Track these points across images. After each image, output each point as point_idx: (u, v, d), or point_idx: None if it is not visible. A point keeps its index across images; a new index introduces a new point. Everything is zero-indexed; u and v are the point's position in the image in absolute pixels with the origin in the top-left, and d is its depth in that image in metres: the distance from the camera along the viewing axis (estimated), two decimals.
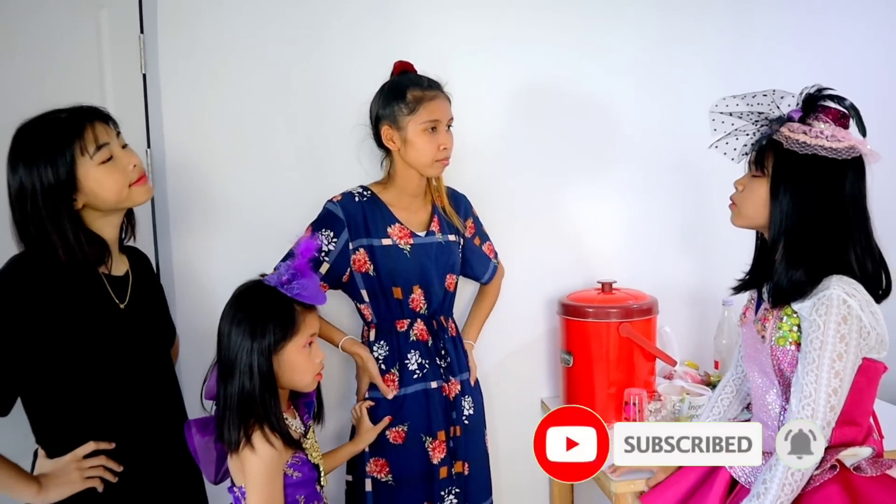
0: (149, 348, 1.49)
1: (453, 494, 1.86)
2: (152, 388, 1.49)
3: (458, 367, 1.93)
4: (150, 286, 1.59)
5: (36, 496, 1.34)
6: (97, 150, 1.37)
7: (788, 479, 1.33)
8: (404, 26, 2.19)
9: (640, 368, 2.10)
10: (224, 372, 1.41)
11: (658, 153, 2.39)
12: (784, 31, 2.45)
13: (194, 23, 2.04)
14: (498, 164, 2.30)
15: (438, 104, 1.80)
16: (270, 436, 1.37)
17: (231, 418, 1.38)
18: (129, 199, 1.43)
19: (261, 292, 1.43)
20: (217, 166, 2.09)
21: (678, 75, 2.38)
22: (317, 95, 2.14)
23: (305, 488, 1.46)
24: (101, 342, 1.38)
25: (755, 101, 1.46)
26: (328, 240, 1.81)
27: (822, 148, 1.36)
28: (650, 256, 2.43)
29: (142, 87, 2.00)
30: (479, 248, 2.07)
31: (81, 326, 1.36)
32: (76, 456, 1.37)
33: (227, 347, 1.40)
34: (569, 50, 2.31)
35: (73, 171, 1.35)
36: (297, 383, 1.47)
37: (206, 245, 2.10)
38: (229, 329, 1.41)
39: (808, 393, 1.34)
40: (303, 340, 1.43)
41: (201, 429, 1.45)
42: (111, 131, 1.42)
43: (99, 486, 1.38)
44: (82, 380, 1.37)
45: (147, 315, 1.51)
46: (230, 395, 1.39)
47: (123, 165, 1.41)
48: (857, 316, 1.33)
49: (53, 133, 1.35)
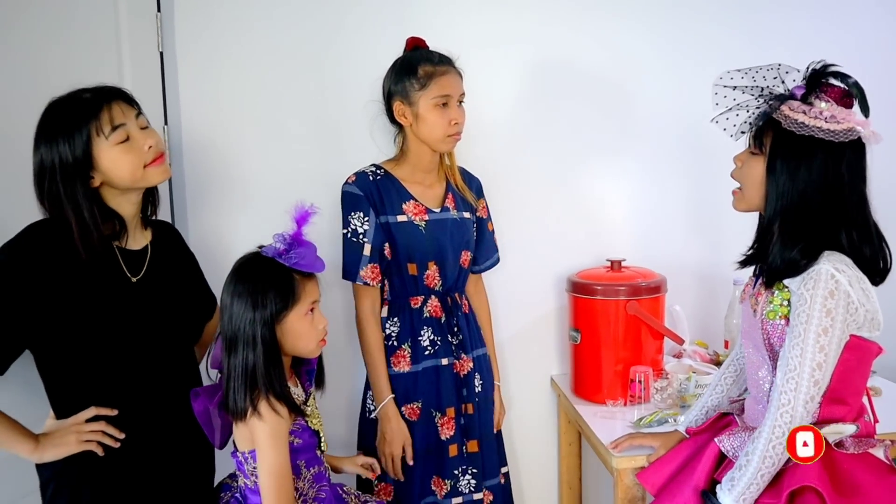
0: (162, 321, 1.52)
1: (469, 474, 1.89)
2: (164, 360, 1.52)
3: (470, 343, 1.95)
4: (175, 260, 1.63)
5: (32, 453, 1.39)
6: (112, 131, 1.40)
7: (769, 451, 1.34)
8: (419, 2, 2.19)
9: (648, 347, 2.10)
10: (228, 344, 1.45)
11: (671, 132, 2.37)
12: (800, 6, 2.39)
13: (210, 1, 2.08)
14: (511, 141, 2.31)
15: (450, 79, 1.81)
16: (276, 403, 1.41)
17: (237, 388, 1.42)
18: (144, 180, 1.46)
19: (259, 263, 1.46)
20: (233, 143, 2.14)
21: (692, 54, 2.34)
22: (333, 72, 2.16)
23: (306, 453, 1.50)
24: (107, 313, 1.42)
25: (759, 75, 1.44)
26: (360, 221, 1.82)
27: (819, 129, 1.34)
28: (662, 235, 2.42)
29: (159, 64, 2.05)
30: (490, 233, 2.08)
31: (88, 295, 1.40)
32: (77, 419, 1.42)
33: (230, 319, 1.44)
34: (582, 28, 2.30)
35: (90, 150, 1.39)
36: (301, 350, 1.50)
37: (223, 221, 2.16)
38: (231, 301, 1.44)
39: (792, 366, 1.34)
40: (304, 308, 1.46)
41: (208, 396, 1.50)
42: (130, 112, 1.45)
43: (97, 449, 1.42)
44: (89, 347, 1.41)
45: (164, 289, 1.54)
46: (235, 365, 1.42)
47: (139, 146, 1.43)
48: (845, 291, 1.32)
49: (72, 112, 1.39)
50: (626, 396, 2.06)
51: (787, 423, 1.34)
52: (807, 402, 1.33)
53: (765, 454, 1.34)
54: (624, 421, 1.96)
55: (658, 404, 2.03)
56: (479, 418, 1.94)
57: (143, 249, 1.55)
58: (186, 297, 1.61)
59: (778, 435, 1.34)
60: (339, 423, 2.20)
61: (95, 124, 1.39)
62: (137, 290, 1.49)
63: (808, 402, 1.33)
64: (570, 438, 2.37)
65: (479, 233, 2.03)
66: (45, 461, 1.42)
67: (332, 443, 2.02)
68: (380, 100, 1.90)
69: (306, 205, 1.49)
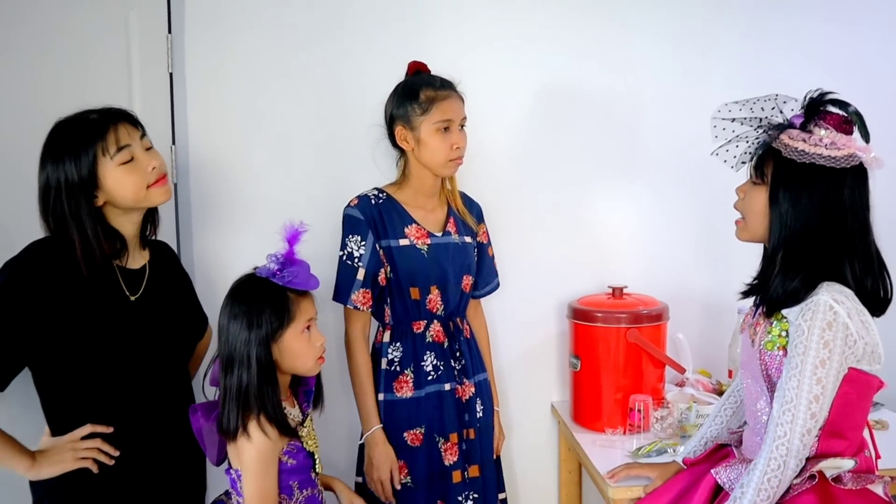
0: (158, 340, 1.54)
1: (472, 500, 1.88)
2: (159, 378, 1.54)
3: (472, 368, 1.94)
4: (171, 280, 1.65)
5: (28, 470, 1.40)
6: (118, 152, 1.43)
7: (765, 484, 1.32)
8: (424, 27, 2.23)
9: (649, 375, 2.08)
10: (225, 364, 1.46)
11: (677, 159, 2.37)
12: (806, 36, 2.40)
13: (221, 25, 2.12)
14: (514, 165, 2.32)
15: (451, 104, 1.81)
16: (266, 425, 1.41)
17: (230, 408, 1.42)
18: (146, 200, 1.49)
19: (254, 284, 1.47)
20: (239, 164, 2.16)
21: (698, 81, 2.35)
22: (339, 97, 2.19)
23: (300, 475, 1.50)
24: (106, 331, 1.44)
25: (757, 106, 1.45)
26: (357, 245, 1.82)
27: (820, 156, 1.34)
28: (667, 263, 2.41)
29: (168, 85, 2.08)
30: (490, 259, 2.08)
31: (87, 314, 1.42)
32: (73, 437, 1.43)
33: (227, 341, 1.45)
34: (587, 53, 2.32)
35: (95, 170, 1.42)
36: (299, 368, 1.51)
37: (227, 241, 2.17)
38: (228, 323, 1.45)
39: (789, 398, 1.32)
40: (300, 326, 1.47)
41: (206, 413, 1.50)
42: (135, 133, 1.48)
43: (92, 466, 1.43)
44: (87, 364, 1.43)
45: (160, 308, 1.56)
46: (229, 386, 1.43)
47: (143, 167, 1.46)
48: (844, 323, 1.31)
49: (79, 133, 1.42)
50: (625, 425, 2.04)
51: (783, 455, 1.32)
52: (803, 434, 1.31)
53: (760, 486, 1.32)
54: (623, 450, 1.94)
55: (658, 434, 2.00)
56: (480, 443, 1.93)
57: (142, 269, 1.57)
58: (181, 317, 1.63)
59: (773, 468, 1.32)
60: (340, 446, 2.19)
61: (101, 145, 1.42)
62: (136, 308, 1.51)
63: (804, 435, 1.31)
64: (570, 466, 2.34)
65: (479, 258, 2.02)
66: (42, 478, 1.43)
67: (333, 467, 2.01)
68: (382, 124, 1.91)
69: (296, 223, 1.51)
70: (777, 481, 1.31)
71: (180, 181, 2.13)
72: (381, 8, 2.20)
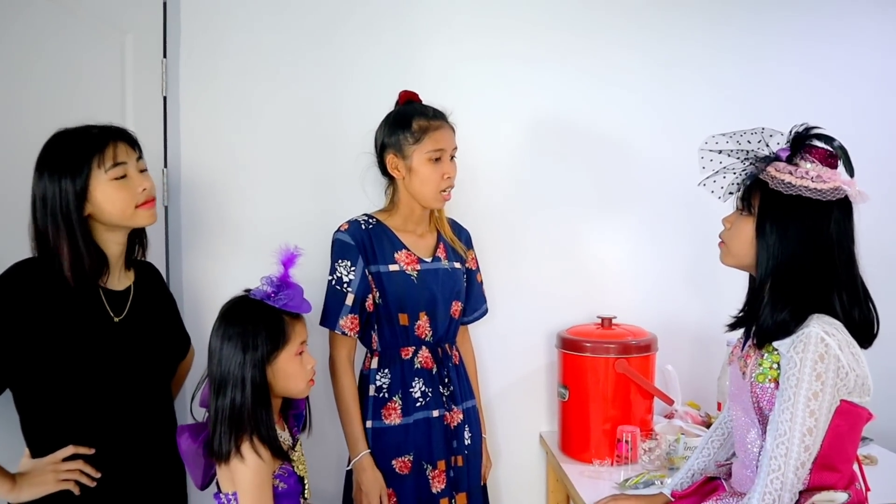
0: (141, 361, 1.52)
1: None
2: (141, 399, 1.52)
3: (460, 395, 1.93)
4: (155, 300, 1.64)
5: (8, 493, 1.38)
6: (113, 167, 1.44)
7: None
8: (417, 57, 2.25)
9: (637, 406, 2.08)
10: (217, 386, 1.44)
11: (668, 191, 2.40)
12: (799, 66, 2.45)
13: (216, 50, 2.14)
14: (504, 195, 2.33)
15: (443, 134, 1.82)
16: (259, 446, 1.40)
17: (222, 430, 1.40)
18: (132, 219, 1.49)
19: (248, 306, 1.46)
20: (230, 188, 2.17)
21: (688, 113, 2.39)
22: (331, 122, 2.21)
23: (290, 500, 1.48)
24: (90, 353, 1.43)
25: (744, 138, 1.47)
26: (346, 270, 1.81)
27: (806, 189, 1.36)
28: (655, 293, 2.42)
29: (162, 108, 2.09)
30: (479, 285, 2.08)
31: (71, 335, 1.41)
32: (55, 458, 1.41)
33: (219, 363, 1.43)
34: (579, 85, 2.35)
35: (88, 181, 1.42)
36: (291, 390, 1.50)
37: (216, 263, 2.16)
38: (220, 345, 1.44)
39: (782, 431, 1.32)
40: (294, 349, 1.47)
41: (193, 435, 1.48)
42: (132, 154, 1.49)
43: (74, 488, 1.41)
44: (69, 386, 1.41)
45: (144, 329, 1.54)
46: (222, 408, 1.41)
47: (134, 186, 1.47)
48: (835, 355, 1.31)
49: (78, 144, 1.44)
50: (613, 456, 2.03)
51: (777, 489, 1.31)
52: (797, 468, 1.31)
53: None
54: (610, 481, 1.92)
55: (646, 465, 1.99)
56: (468, 471, 1.91)
57: (126, 290, 1.56)
58: (164, 338, 1.62)
59: (768, 501, 1.31)
60: (329, 474, 2.16)
61: (98, 157, 1.43)
62: (119, 330, 1.50)
63: (798, 469, 1.31)
64: (558, 498, 2.32)
65: (468, 284, 2.03)
66: (22, 500, 1.40)
67: (320, 494, 1.98)
68: (372, 152, 1.92)
69: (291, 247, 1.51)
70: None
71: (171, 203, 2.12)
72: (375, 34, 2.23)
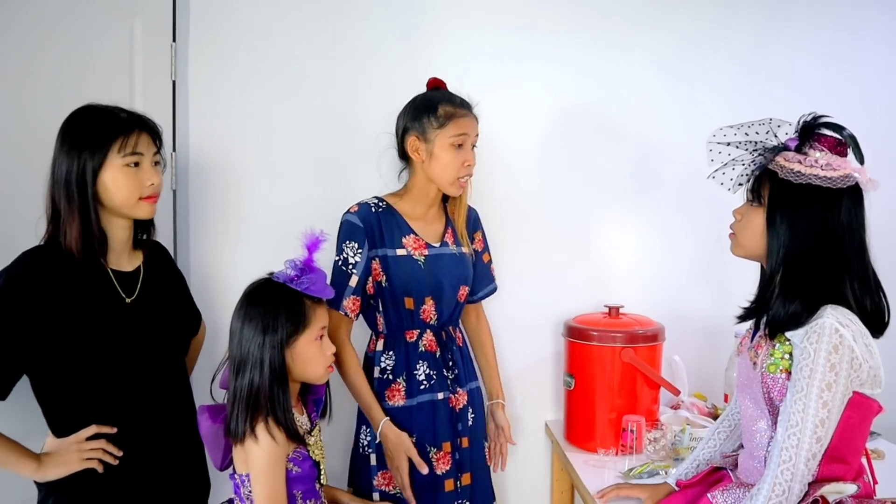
0: (155, 341, 1.54)
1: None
2: (158, 378, 1.54)
3: (465, 377, 1.94)
4: (165, 279, 1.65)
5: (35, 472, 1.41)
6: (130, 154, 1.45)
7: None
8: (430, 41, 2.24)
9: (643, 396, 2.07)
10: (236, 367, 1.45)
11: (680, 182, 2.38)
12: (810, 57, 2.42)
13: (225, 33, 2.14)
14: (514, 183, 2.32)
15: (468, 121, 1.83)
16: (274, 428, 1.41)
17: (239, 410, 1.42)
18: (133, 209, 1.49)
19: (271, 289, 1.47)
20: (239, 171, 2.17)
21: (700, 105, 2.37)
22: (341, 107, 2.20)
23: (304, 484, 1.48)
24: (104, 334, 1.44)
25: (752, 130, 1.46)
26: (353, 252, 1.81)
27: (816, 177, 1.35)
28: (666, 284, 2.40)
29: (171, 93, 2.09)
30: (486, 264, 2.09)
31: (85, 318, 1.43)
32: (79, 438, 1.44)
33: (240, 344, 1.45)
34: (591, 76, 2.33)
35: (104, 161, 1.43)
36: (309, 375, 1.51)
37: (225, 247, 2.17)
38: (241, 325, 1.45)
39: (794, 422, 1.31)
40: (314, 333, 1.48)
41: (213, 415, 1.49)
42: (151, 147, 1.51)
43: (98, 467, 1.44)
44: (86, 368, 1.43)
45: (156, 309, 1.56)
46: (240, 388, 1.43)
47: (143, 178, 1.48)
48: (850, 346, 1.30)
49: (105, 124, 1.45)
50: (618, 445, 2.02)
51: (787, 480, 1.30)
52: (808, 459, 1.30)
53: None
54: (614, 470, 1.92)
55: (650, 455, 1.99)
56: (471, 451, 1.92)
57: (136, 271, 1.57)
58: (176, 315, 1.64)
59: (778, 493, 1.30)
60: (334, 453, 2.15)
61: (122, 141, 1.44)
62: (132, 310, 1.51)
63: (809, 460, 1.30)
64: (562, 487, 2.32)
65: (477, 264, 2.03)
66: (49, 479, 1.43)
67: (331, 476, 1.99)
68: (392, 133, 1.92)
69: (317, 231, 1.52)
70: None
71: (180, 188, 2.13)
72: (391, 19, 2.21)
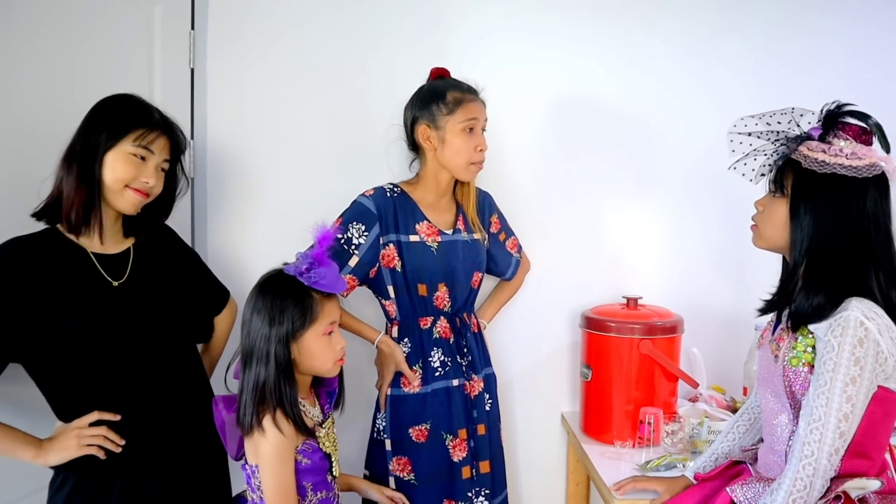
0: (151, 324, 1.53)
1: (483, 495, 1.87)
2: (162, 362, 1.53)
3: (480, 364, 1.94)
4: (167, 260, 1.62)
5: (35, 458, 1.41)
6: (141, 147, 1.46)
7: None
8: (447, 30, 2.22)
9: (661, 388, 2.05)
10: (245, 358, 1.45)
11: (698, 172, 2.34)
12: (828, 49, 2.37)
13: (244, 21, 2.13)
14: (531, 173, 2.30)
15: (476, 105, 1.84)
16: (281, 420, 1.40)
17: (247, 401, 1.42)
18: (117, 196, 1.48)
19: (281, 281, 1.46)
20: (257, 161, 2.17)
21: (718, 93, 2.33)
22: (358, 95, 2.19)
23: (315, 476, 1.48)
24: (89, 318, 1.44)
25: (774, 119, 1.43)
26: (358, 233, 1.82)
27: (841, 166, 1.32)
28: (684, 275, 2.37)
29: (189, 80, 2.10)
30: (503, 243, 2.09)
31: (66, 303, 1.42)
32: (81, 423, 1.43)
33: (248, 334, 1.45)
34: (608, 65, 2.30)
35: (115, 144, 1.45)
36: (317, 369, 1.50)
37: (243, 236, 2.18)
38: (251, 316, 1.45)
39: (817, 416, 1.29)
40: (322, 328, 1.46)
41: (228, 406, 1.50)
42: (164, 153, 1.52)
43: (99, 453, 1.43)
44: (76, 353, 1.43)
45: (151, 290, 1.54)
46: (248, 380, 1.43)
47: (141, 173, 1.48)
48: (875, 340, 1.28)
49: (135, 115, 1.48)
50: (635, 438, 2.01)
51: (809, 475, 1.28)
52: (831, 454, 1.28)
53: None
54: (631, 463, 1.91)
55: (668, 448, 1.97)
56: (489, 438, 1.92)
57: (124, 253, 1.55)
58: (181, 297, 1.61)
59: (799, 488, 1.29)
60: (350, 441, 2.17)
61: (141, 132, 1.46)
62: (120, 294, 1.50)
63: (832, 455, 1.28)
64: (578, 478, 2.31)
65: (493, 247, 2.05)
66: (50, 465, 1.44)
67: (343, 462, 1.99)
68: (400, 124, 1.92)
69: (329, 224, 1.50)
70: (803, 502, 1.28)
71: (198, 175, 2.14)
72: (406, 7, 2.20)
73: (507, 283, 2.17)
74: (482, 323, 2.05)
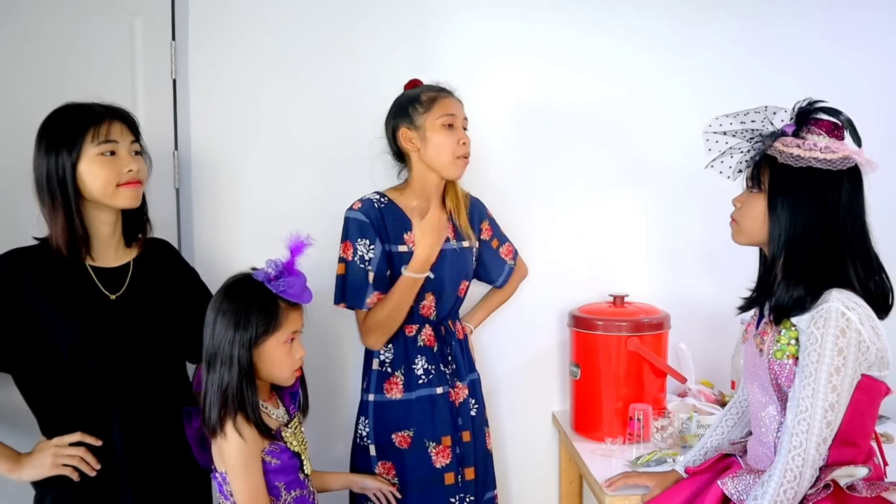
0: (146, 338, 1.52)
1: (467, 502, 1.87)
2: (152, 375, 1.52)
3: (465, 370, 1.94)
4: (166, 276, 1.62)
5: (9, 471, 1.40)
6: (103, 143, 1.45)
7: (781, 496, 1.30)
8: (430, 38, 2.23)
9: (650, 384, 2.07)
10: (208, 360, 1.45)
11: (682, 168, 2.35)
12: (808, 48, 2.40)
13: (225, 31, 2.13)
14: (516, 173, 2.32)
15: (452, 102, 1.86)
16: (243, 425, 1.40)
17: (212, 404, 1.42)
18: (112, 198, 1.47)
19: (248, 286, 1.46)
20: (241, 168, 2.16)
21: (700, 91, 2.36)
22: (341, 104, 2.19)
23: (286, 475, 1.48)
24: (84, 331, 1.43)
25: (748, 118, 1.46)
26: (366, 248, 1.81)
27: (816, 160, 1.35)
28: (670, 272, 2.40)
29: (171, 91, 2.09)
30: (495, 250, 2.09)
31: (62, 315, 1.42)
32: (61, 442, 1.42)
33: (212, 336, 1.44)
34: (589, 64, 2.32)
35: (80, 155, 1.43)
36: (275, 377, 1.50)
37: (228, 246, 2.17)
38: (215, 318, 1.45)
39: (804, 407, 1.31)
40: (284, 336, 1.46)
41: (198, 416, 1.49)
42: (128, 136, 1.50)
43: (72, 474, 1.42)
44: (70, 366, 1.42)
45: (148, 305, 1.54)
46: (212, 382, 1.43)
47: (120, 165, 1.47)
48: (857, 329, 1.30)
49: (76, 119, 1.45)
50: (625, 434, 2.02)
51: (798, 466, 1.30)
52: (819, 444, 1.30)
53: (775, 499, 1.31)
54: (622, 459, 1.92)
55: (658, 443, 1.99)
56: (474, 444, 1.92)
57: (123, 267, 1.55)
58: (178, 314, 1.60)
59: (790, 479, 1.31)
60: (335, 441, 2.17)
61: (93, 131, 1.44)
62: (117, 307, 1.50)
63: (820, 445, 1.30)
64: (570, 477, 2.32)
65: (481, 253, 2.05)
66: (24, 481, 1.42)
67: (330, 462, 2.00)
68: (382, 137, 1.93)
69: (302, 235, 1.50)
70: (793, 493, 1.30)
71: (182, 186, 2.13)
72: (388, 17, 2.21)
73: (499, 289, 2.17)
74: (468, 328, 2.06)
